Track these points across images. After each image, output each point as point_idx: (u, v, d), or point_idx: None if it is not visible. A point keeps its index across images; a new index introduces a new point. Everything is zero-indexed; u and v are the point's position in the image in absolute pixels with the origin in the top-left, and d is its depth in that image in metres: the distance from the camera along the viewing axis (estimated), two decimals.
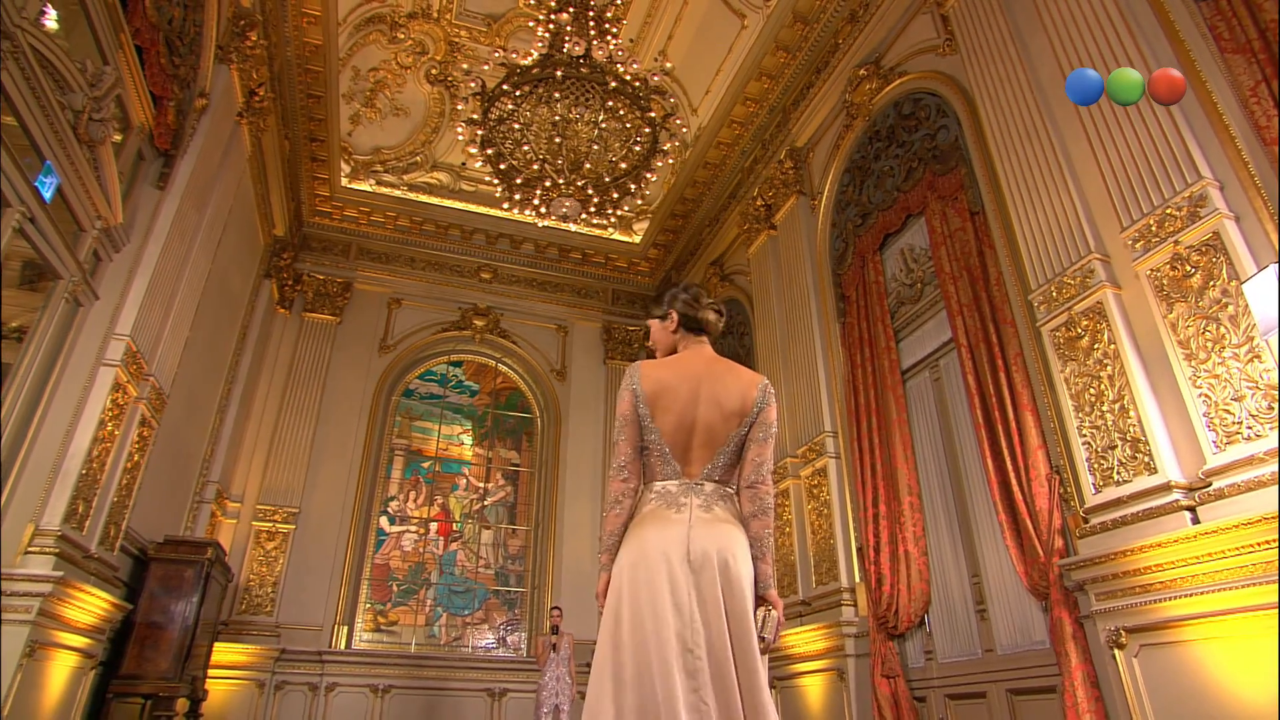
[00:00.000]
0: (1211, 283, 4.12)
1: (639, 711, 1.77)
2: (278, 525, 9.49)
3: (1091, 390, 4.78)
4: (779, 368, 8.53)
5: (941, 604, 6.14)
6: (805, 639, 7.04)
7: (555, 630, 7.35)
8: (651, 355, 2.30)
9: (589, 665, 8.35)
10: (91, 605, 5.33)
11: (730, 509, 2.00)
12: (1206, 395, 4.09)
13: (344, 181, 11.15)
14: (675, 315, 2.21)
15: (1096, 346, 4.78)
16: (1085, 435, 4.79)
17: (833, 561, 7.08)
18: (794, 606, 7.42)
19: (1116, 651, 4.32)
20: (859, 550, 6.84)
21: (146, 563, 6.78)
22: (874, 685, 6.20)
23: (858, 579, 6.83)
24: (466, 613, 10.46)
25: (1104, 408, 4.68)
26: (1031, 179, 5.39)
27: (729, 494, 2.03)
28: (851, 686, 6.45)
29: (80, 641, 5.37)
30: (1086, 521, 4.73)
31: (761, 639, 1.92)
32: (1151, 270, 4.46)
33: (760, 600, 1.97)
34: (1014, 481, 5.31)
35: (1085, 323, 4.87)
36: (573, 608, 10.25)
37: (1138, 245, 4.57)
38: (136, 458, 6.10)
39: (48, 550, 4.85)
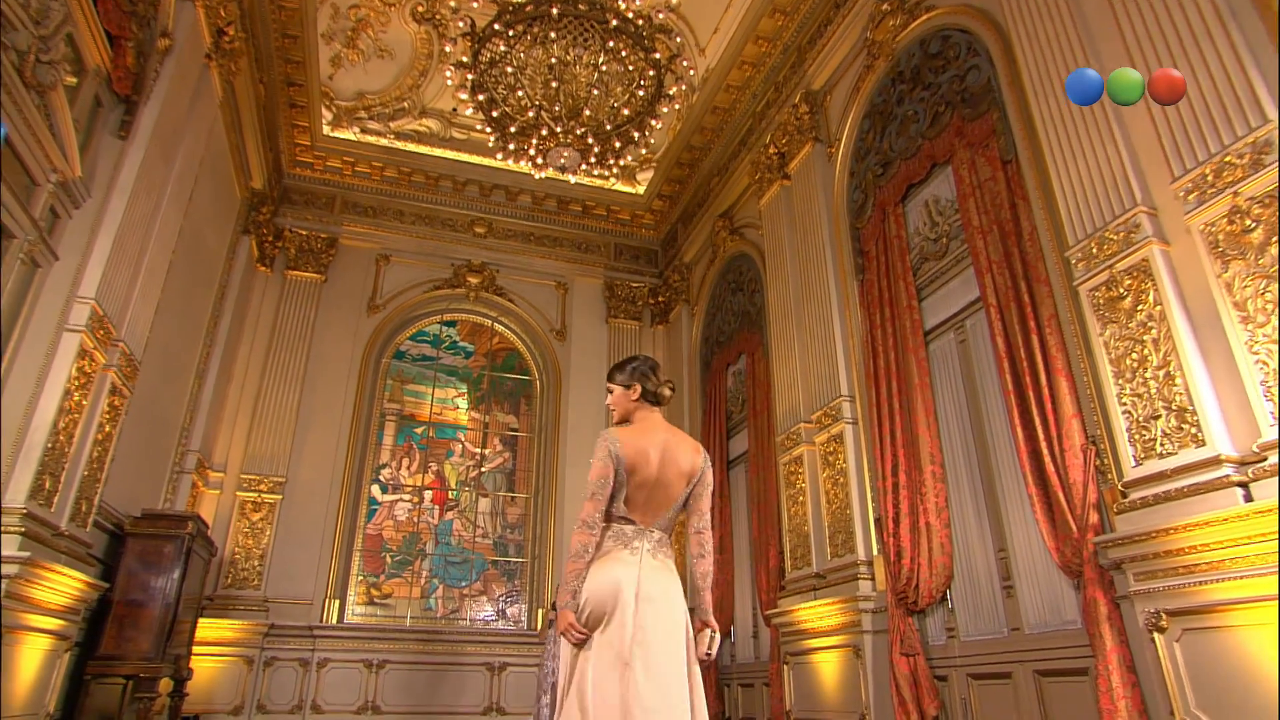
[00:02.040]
0: (1274, 238, 3.89)
1: (602, 707, 2.34)
2: (263, 495, 9.42)
3: (1133, 355, 4.59)
4: (792, 327, 8.34)
5: (965, 579, 6.04)
6: (819, 614, 6.98)
7: (554, 606, 7.28)
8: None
9: None
10: (63, 586, 5.24)
11: (669, 554, 2.62)
12: (1264, 362, 3.89)
13: (326, 130, 10.83)
14: (639, 388, 2.70)
15: (1140, 308, 4.58)
16: (1125, 403, 4.61)
17: (849, 533, 6.99)
18: (807, 580, 7.36)
19: (1156, 635, 4.20)
20: (877, 521, 6.74)
21: (123, 538, 6.70)
22: (892, 663, 6.13)
23: (875, 552, 6.74)
24: (464, 584, 10.46)
25: (1147, 374, 4.49)
26: (1072, 124, 5.13)
27: (668, 540, 2.66)
28: (868, 664, 6.40)
29: (53, 624, 5.29)
30: (1125, 496, 4.58)
31: (707, 654, 2.53)
32: (1205, 225, 4.23)
33: (703, 624, 2.58)
34: (1045, 452, 5.16)
35: (1128, 282, 4.66)
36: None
37: (1190, 197, 4.33)
38: (108, 428, 5.97)
39: (13, 529, 4.74)
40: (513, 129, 7.45)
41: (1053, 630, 5.24)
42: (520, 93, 7.26)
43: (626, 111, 7.47)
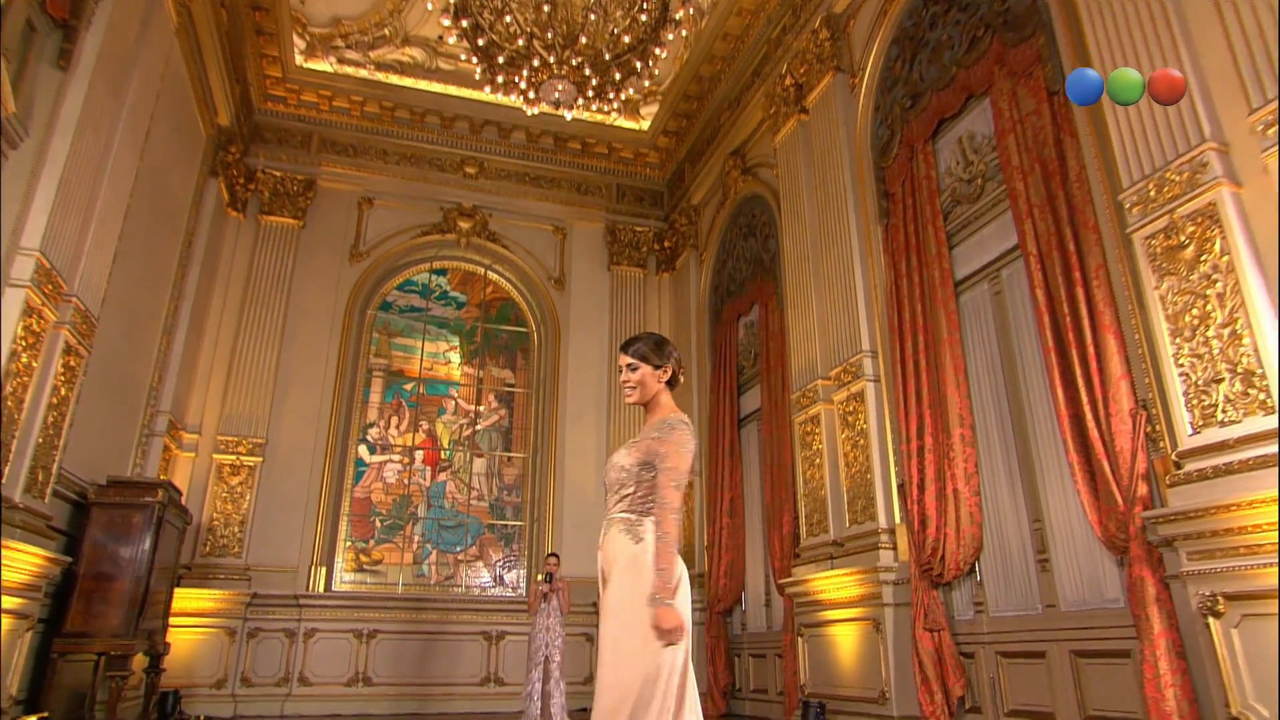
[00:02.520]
0: None
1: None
2: (242, 458, 9.27)
3: (1194, 311, 4.30)
4: (809, 277, 8.04)
5: (996, 551, 5.87)
6: (836, 584, 6.86)
7: (549, 578, 7.15)
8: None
9: (594, 606, 8.16)
10: (20, 562, 5.08)
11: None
12: None
13: (299, 60, 10.38)
14: (670, 371, 2.69)
15: (1204, 258, 4.27)
16: (1183, 365, 4.34)
17: (869, 499, 6.82)
18: (824, 548, 7.23)
19: (1211, 620, 4.00)
20: (900, 487, 6.56)
21: (87, 508, 6.53)
22: (915, 639, 6.00)
23: (898, 520, 6.58)
24: (458, 549, 10.39)
25: (1209, 332, 4.21)
26: (1132, 48, 4.75)
27: None
28: (889, 638, 6.28)
29: (11, 602, 5.15)
30: (1179, 467, 4.35)
31: None
32: None
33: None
34: (1089, 416, 4.91)
35: (1191, 228, 4.34)
36: (575, 543, 10.15)
37: (1270, 132, 3.99)
38: (64, 391, 5.75)
39: None
40: (501, 60, 7.05)
41: (1092, 609, 5.07)
42: (509, 18, 6.84)
43: (627, 39, 7.05)
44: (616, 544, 2.60)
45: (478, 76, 7.32)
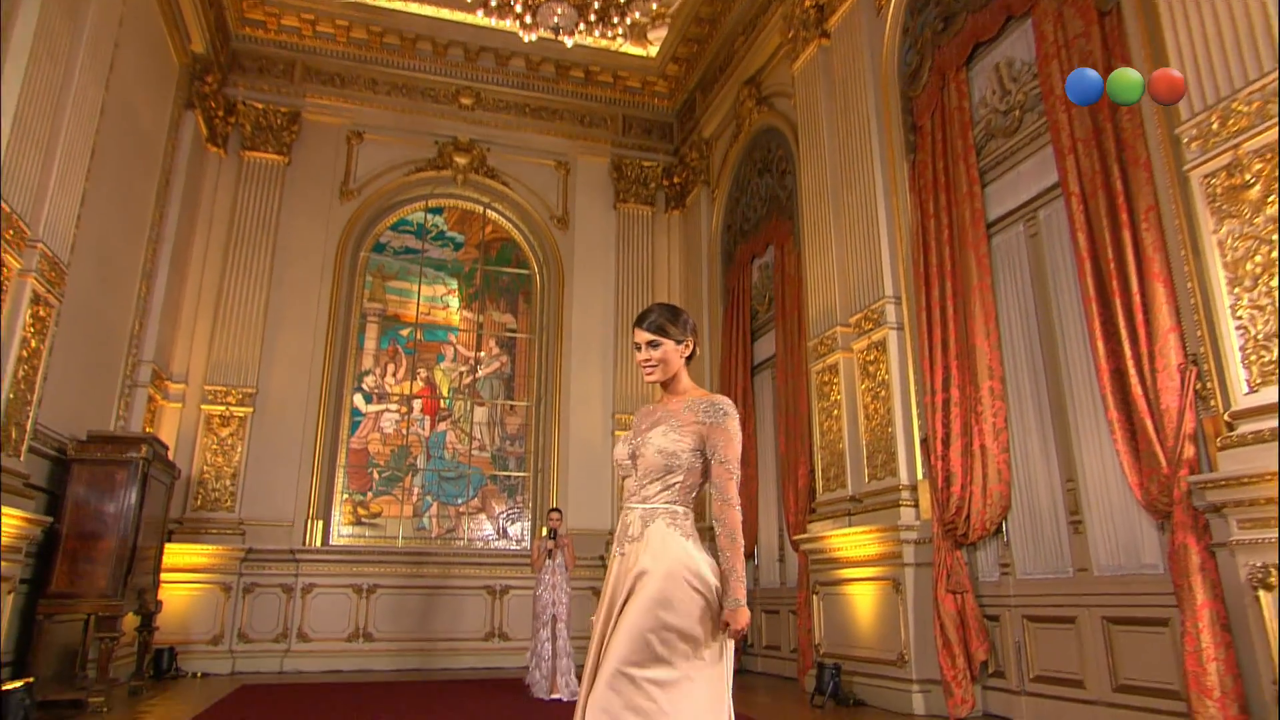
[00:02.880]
0: None
1: None
2: (232, 409, 9.16)
3: (1256, 258, 4.05)
4: (828, 216, 7.75)
5: (1025, 511, 5.72)
6: (854, 542, 6.76)
7: (553, 534, 7.06)
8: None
9: (601, 559, 8.06)
10: None
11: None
12: None
13: None
14: (691, 344, 2.52)
15: (1271, 199, 4.00)
16: (1241, 317, 4.10)
17: (890, 453, 6.67)
18: (842, 503, 7.13)
19: (1262, 594, 3.85)
20: (923, 442, 6.40)
21: (68, 464, 6.42)
22: (936, 600, 5.90)
23: (920, 476, 6.45)
24: (460, 501, 10.34)
25: (1273, 282, 3.96)
26: None
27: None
28: (909, 599, 6.21)
29: None
30: (1232, 428, 4.15)
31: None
32: None
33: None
34: (1132, 370, 4.69)
35: (1258, 166, 4.05)
36: (581, 495, 10.12)
37: None
38: (34, 343, 5.59)
39: None
40: None
41: (1128, 574, 4.92)
42: None
43: None
44: (661, 538, 2.37)
45: (470, 0, 6.95)
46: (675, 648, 2.26)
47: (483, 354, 10.91)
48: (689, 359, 2.54)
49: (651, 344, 2.51)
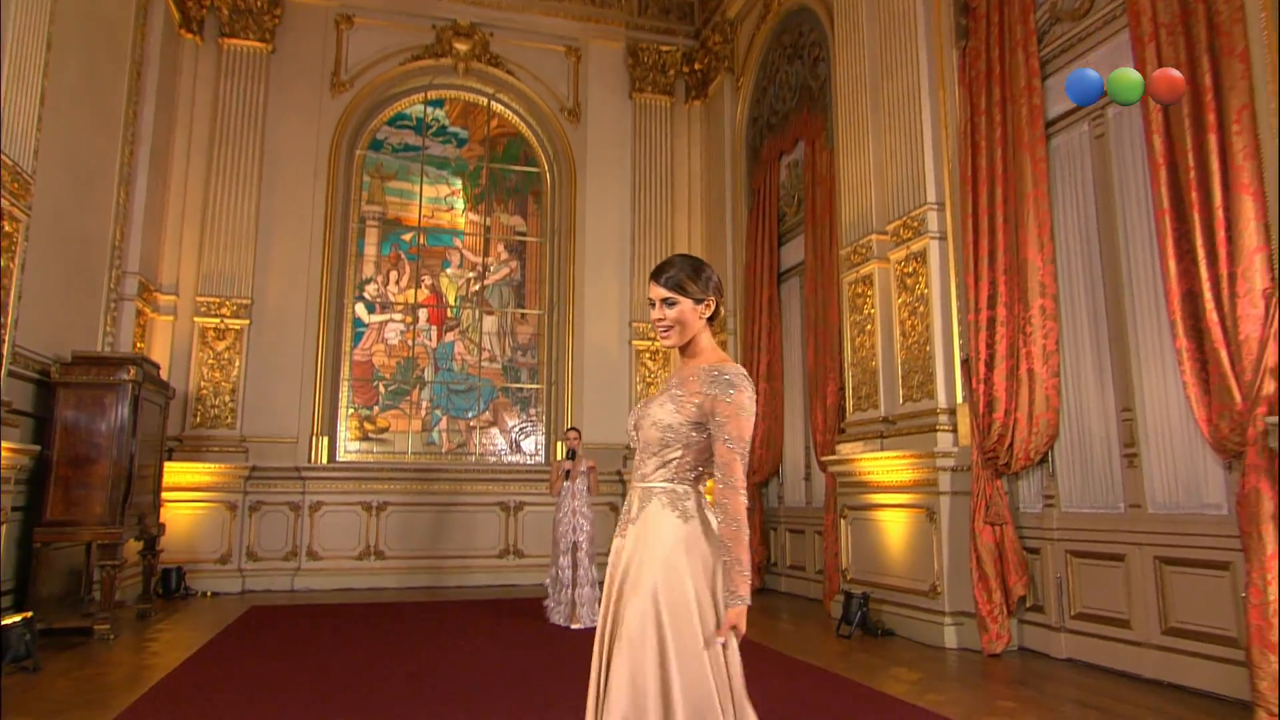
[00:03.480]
0: None
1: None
2: (227, 321, 8.97)
3: None
4: (866, 110, 7.27)
5: (1073, 441, 5.50)
6: (886, 467, 6.60)
7: (572, 455, 6.91)
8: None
9: (619, 475, 7.91)
10: None
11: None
12: None
13: None
14: (714, 303, 2.27)
15: None
16: None
17: (928, 374, 6.42)
18: (873, 425, 6.96)
19: None
20: (964, 363, 6.13)
21: (53, 388, 6.27)
22: (974, 532, 5.76)
23: (960, 400, 6.21)
24: (470, 415, 10.25)
25: None
26: None
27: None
28: (943, 529, 6.07)
29: None
30: None
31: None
32: None
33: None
34: (1208, 294, 4.35)
35: None
36: (597, 408, 9.99)
37: None
38: (3, 261, 5.32)
39: None
40: None
41: (1186, 514, 4.70)
42: None
43: None
44: (658, 521, 2.18)
45: None
46: (675, 657, 2.06)
47: (491, 259, 10.61)
48: (711, 319, 2.29)
49: (667, 302, 2.23)
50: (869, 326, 7.09)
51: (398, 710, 4.23)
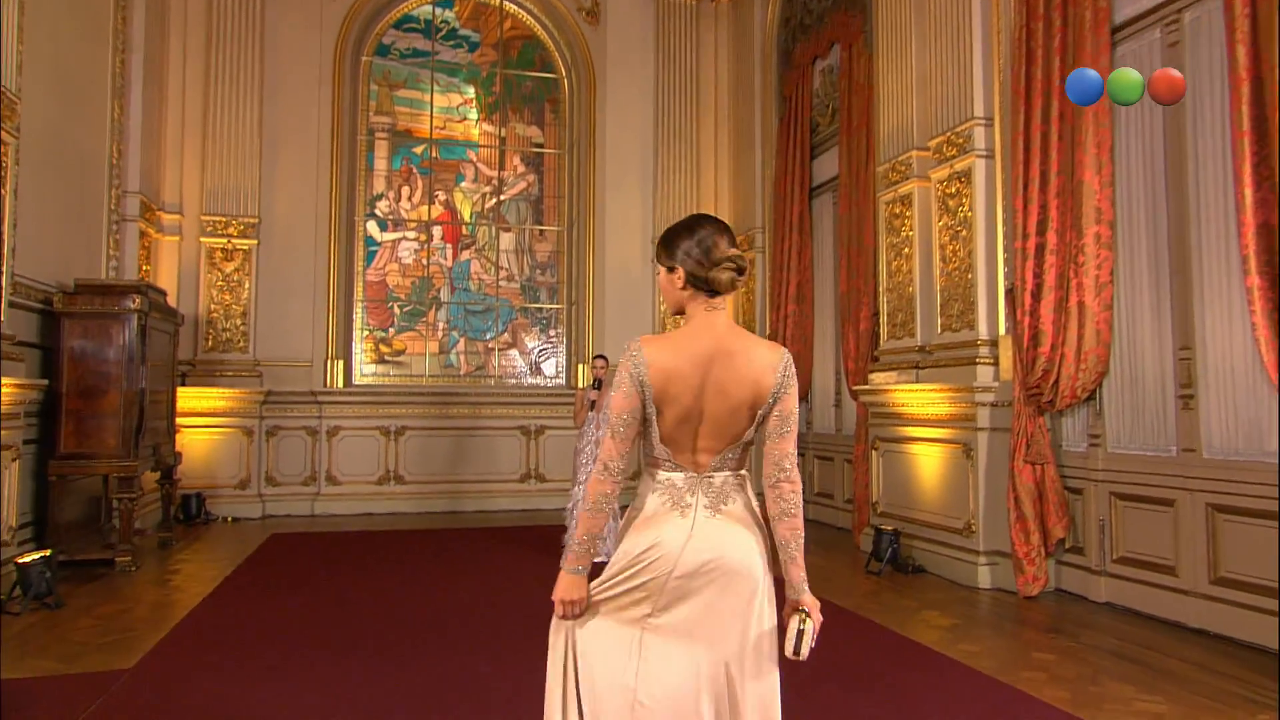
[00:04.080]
0: None
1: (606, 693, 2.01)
2: (234, 241, 8.83)
3: None
4: (909, 11, 6.89)
5: (1124, 379, 5.31)
6: (921, 399, 6.47)
7: (598, 384, 6.78)
8: None
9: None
10: None
11: (743, 501, 2.04)
12: None
13: None
14: (681, 272, 2.02)
15: None
16: None
17: (969, 303, 6.21)
18: (908, 354, 6.79)
19: None
20: (1009, 293, 5.92)
21: (58, 318, 6.20)
22: (1013, 471, 5.63)
23: (1003, 331, 6.02)
24: (489, 336, 10.17)
25: None
26: None
27: (742, 481, 2.07)
28: (981, 467, 5.97)
29: None
30: None
31: (795, 654, 1.96)
32: None
33: (794, 608, 2.01)
34: None
35: None
36: (620, 328, 9.86)
37: None
38: None
39: None
40: None
41: (1245, 461, 4.53)
42: None
43: None
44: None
45: None
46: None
47: (507, 173, 10.32)
48: (696, 287, 2.00)
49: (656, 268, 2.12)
50: (906, 250, 6.85)
51: (423, 656, 4.24)
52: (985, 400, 5.93)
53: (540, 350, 10.26)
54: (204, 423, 8.53)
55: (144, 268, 7.99)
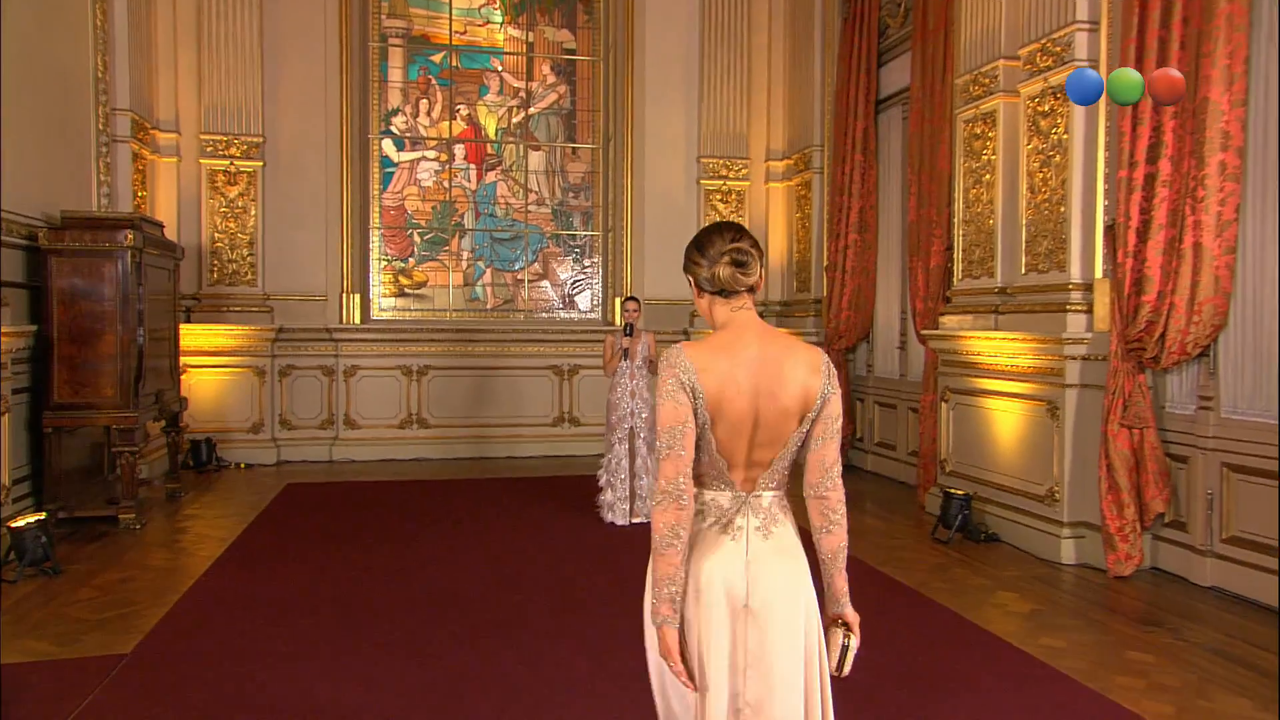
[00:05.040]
0: None
1: None
2: (238, 163, 8.61)
3: None
4: None
5: (1245, 334, 4.93)
6: (1000, 348, 6.18)
7: (629, 330, 6.49)
8: None
9: (687, 334, 7.65)
10: None
11: (789, 524, 2.09)
12: None
13: None
14: (693, 280, 2.08)
15: None
16: None
17: (1059, 240, 5.83)
18: (986, 296, 6.48)
19: None
20: (1108, 230, 5.49)
21: (44, 255, 6.02)
22: (1106, 436, 5.30)
23: (1099, 274, 5.63)
24: (518, 267, 9.99)
25: None
26: None
27: (785, 504, 2.12)
28: (1068, 427, 5.69)
29: None
30: None
31: (837, 671, 2.05)
32: None
33: (834, 620, 2.09)
34: None
35: None
36: (661, 257, 9.56)
37: None
38: None
39: None
40: None
41: None
42: None
43: None
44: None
45: None
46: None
47: (535, 84, 9.95)
48: (712, 294, 2.03)
49: None
50: (988, 177, 6.46)
51: (443, 645, 4.08)
52: (1075, 353, 5.60)
53: (574, 282, 10.03)
54: (212, 362, 8.49)
55: (139, 194, 7.82)
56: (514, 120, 9.91)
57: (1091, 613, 4.72)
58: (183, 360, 7.93)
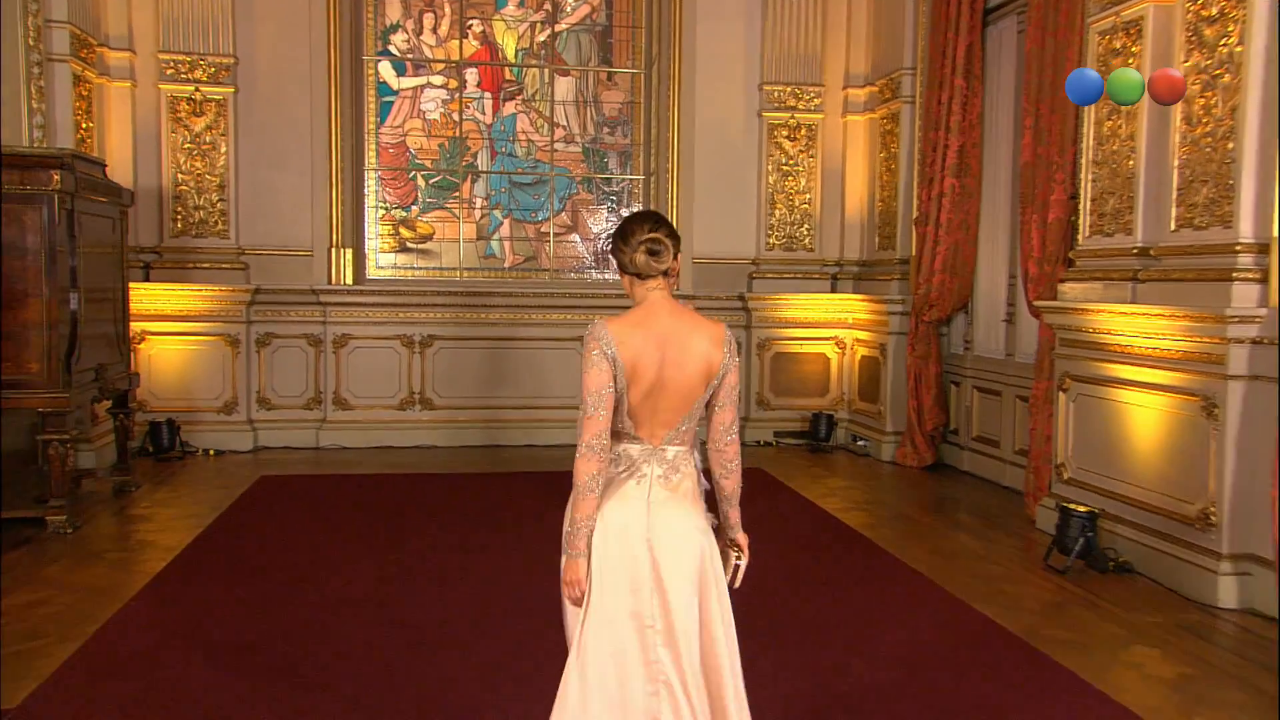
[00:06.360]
0: None
1: (601, 694, 2.61)
2: (204, 89, 8.42)
3: None
4: None
5: None
6: (1139, 325, 5.73)
7: None
8: None
9: (742, 301, 7.19)
10: None
11: (691, 473, 2.79)
12: None
13: None
14: (616, 264, 2.78)
15: None
16: None
17: (1225, 187, 5.29)
18: (1123, 258, 6.05)
19: None
20: None
21: None
22: None
23: (1278, 232, 5.03)
24: (541, 217, 9.96)
25: None
26: None
27: (690, 456, 2.81)
28: (1229, 430, 5.16)
29: None
30: None
31: (732, 584, 2.79)
32: None
33: (730, 544, 2.84)
34: None
35: None
36: (712, 209, 9.52)
37: None
38: None
39: None
40: None
41: None
42: None
43: None
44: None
45: None
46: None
47: None
48: (633, 275, 2.69)
49: None
50: (1119, 112, 5.98)
51: (431, 685, 3.66)
52: (1243, 335, 5.08)
53: (608, 236, 9.62)
54: (176, 329, 8.39)
55: (84, 126, 7.63)
56: (538, 39, 9.83)
57: (1262, 680, 4.10)
58: (139, 327, 7.75)
